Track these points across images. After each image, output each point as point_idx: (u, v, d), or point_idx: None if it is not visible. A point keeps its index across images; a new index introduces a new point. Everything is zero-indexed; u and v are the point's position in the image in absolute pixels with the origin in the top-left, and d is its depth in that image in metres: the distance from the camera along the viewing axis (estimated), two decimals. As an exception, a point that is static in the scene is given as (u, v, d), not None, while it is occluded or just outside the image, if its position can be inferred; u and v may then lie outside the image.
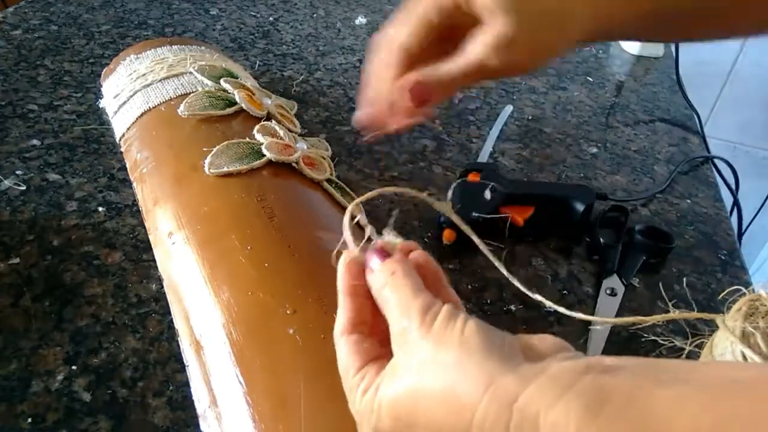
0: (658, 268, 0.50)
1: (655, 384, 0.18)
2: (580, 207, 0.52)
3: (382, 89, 0.33)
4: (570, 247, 0.51)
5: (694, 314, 0.32)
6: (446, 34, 0.33)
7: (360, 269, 0.27)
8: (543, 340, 0.23)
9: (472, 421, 0.20)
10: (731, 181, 0.71)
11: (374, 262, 0.27)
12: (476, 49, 0.31)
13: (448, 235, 0.49)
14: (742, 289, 0.44)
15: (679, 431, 0.17)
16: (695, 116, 0.74)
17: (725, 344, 0.31)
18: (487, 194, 0.51)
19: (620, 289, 0.47)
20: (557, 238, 0.52)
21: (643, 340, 0.42)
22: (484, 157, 0.61)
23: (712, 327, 0.38)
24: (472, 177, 0.54)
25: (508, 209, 0.50)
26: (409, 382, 0.23)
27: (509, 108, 0.71)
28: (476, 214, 0.49)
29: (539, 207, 0.51)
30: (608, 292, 0.47)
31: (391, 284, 0.26)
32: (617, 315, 0.45)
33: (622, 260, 0.49)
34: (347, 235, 0.28)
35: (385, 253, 0.27)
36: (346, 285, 0.27)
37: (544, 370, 0.20)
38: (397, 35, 0.33)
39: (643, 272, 0.49)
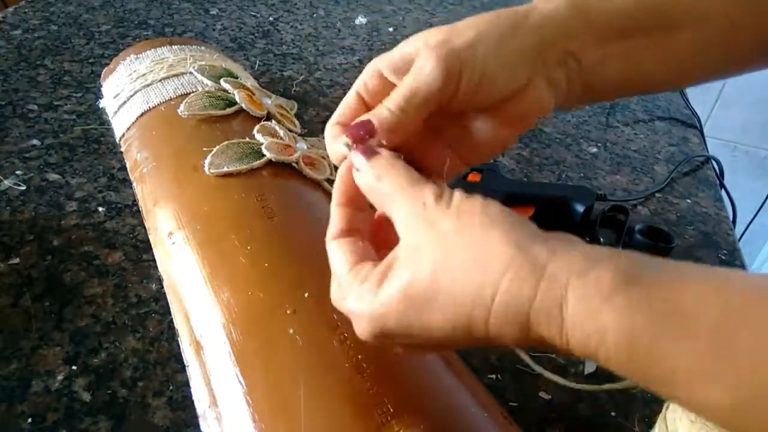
0: None
1: (687, 276, 0.18)
2: (580, 208, 0.51)
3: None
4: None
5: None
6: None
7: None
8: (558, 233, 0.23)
9: (500, 283, 0.20)
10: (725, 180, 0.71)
11: (360, 160, 0.26)
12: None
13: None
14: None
15: (707, 320, 0.17)
16: (695, 116, 0.74)
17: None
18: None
19: None
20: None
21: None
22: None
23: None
24: (472, 177, 0.54)
25: (512, 209, 0.50)
26: (428, 258, 0.22)
27: None
28: None
29: (539, 207, 0.51)
30: None
31: (392, 173, 0.24)
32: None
33: None
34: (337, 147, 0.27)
35: (371, 151, 0.26)
36: (340, 194, 0.27)
37: (573, 247, 0.20)
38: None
39: None
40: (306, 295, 0.34)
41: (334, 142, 0.28)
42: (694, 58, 0.30)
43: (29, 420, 0.33)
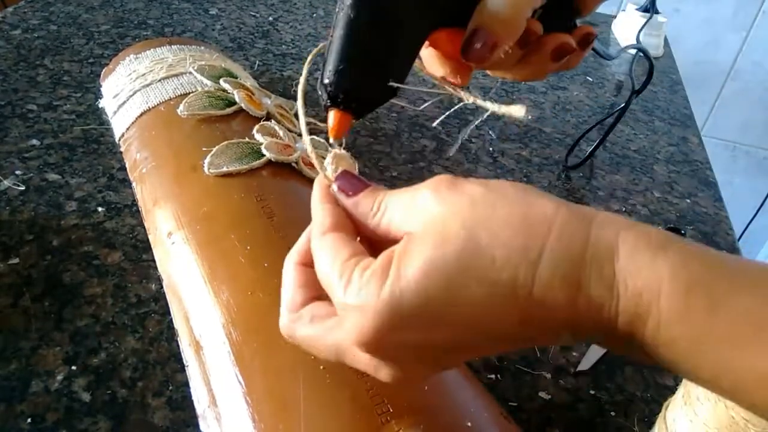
0: None
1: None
2: None
3: None
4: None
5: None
6: None
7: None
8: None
9: (549, 236, 0.18)
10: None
11: (352, 185, 0.23)
12: None
13: None
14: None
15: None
16: (693, 116, 0.74)
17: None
18: None
19: None
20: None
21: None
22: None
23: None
24: None
25: None
26: (457, 218, 0.19)
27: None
28: None
29: None
30: None
31: (391, 192, 0.22)
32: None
33: None
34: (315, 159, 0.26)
35: (362, 181, 0.24)
36: (321, 194, 0.24)
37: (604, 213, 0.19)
38: None
39: None
40: (306, 295, 0.34)
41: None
42: None
43: (29, 420, 0.33)
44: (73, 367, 0.36)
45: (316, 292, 0.23)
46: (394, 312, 0.18)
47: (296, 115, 0.28)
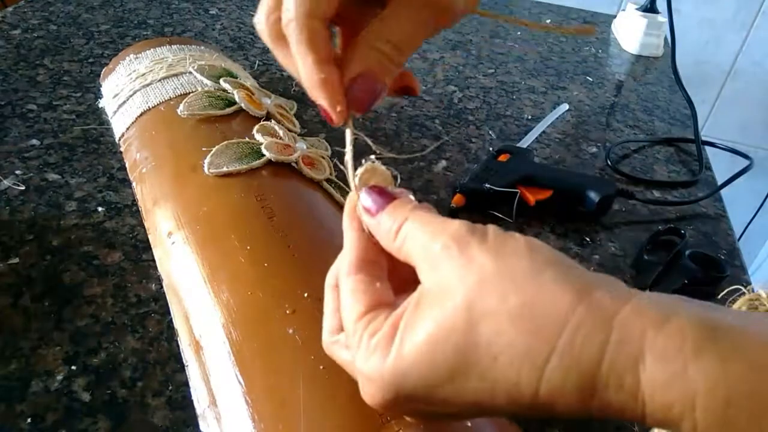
0: (708, 295, 0.46)
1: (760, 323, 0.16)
2: (594, 198, 0.52)
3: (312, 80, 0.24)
4: (584, 253, 0.51)
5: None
6: None
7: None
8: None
9: (558, 340, 0.16)
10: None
11: (374, 202, 0.22)
12: None
13: (457, 200, 0.51)
14: (742, 288, 0.44)
15: None
16: (693, 116, 0.74)
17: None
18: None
19: None
20: (572, 235, 0.52)
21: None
22: (525, 143, 0.63)
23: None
24: (502, 157, 0.56)
25: (526, 189, 0.51)
26: (461, 300, 0.18)
27: (565, 106, 0.73)
28: (488, 185, 0.51)
29: (556, 192, 0.53)
30: None
31: (414, 216, 0.21)
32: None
33: (660, 278, 0.47)
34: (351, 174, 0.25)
35: (387, 195, 0.23)
36: (349, 216, 0.24)
37: (634, 294, 0.17)
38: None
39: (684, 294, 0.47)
40: (306, 295, 0.34)
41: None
42: None
43: (29, 420, 0.33)
44: (73, 367, 0.36)
45: None
46: (398, 388, 0.19)
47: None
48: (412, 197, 0.23)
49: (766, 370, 0.14)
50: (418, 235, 0.21)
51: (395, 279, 0.23)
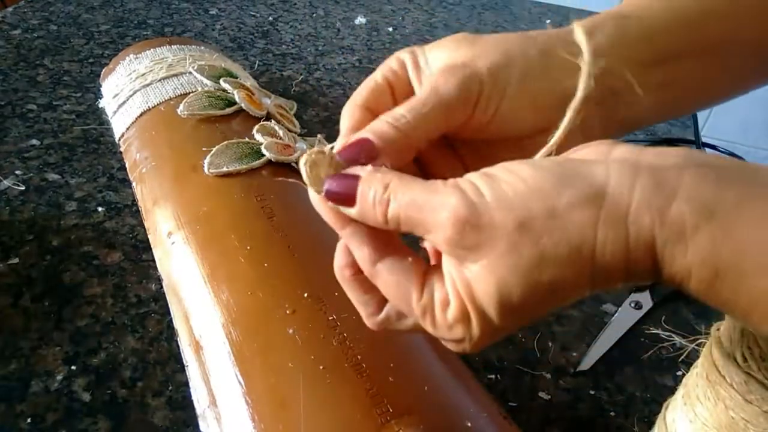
0: None
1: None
2: None
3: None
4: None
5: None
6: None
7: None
8: (584, 146, 0.21)
9: (594, 258, 0.19)
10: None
11: (343, 186, 0.22)
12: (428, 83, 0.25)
13: None
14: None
15: None
16: (693, 116, 0.74)
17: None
18: None
19: (647, 305, 0.45)
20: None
21: (645, 332, 0.42)
22: None
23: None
24: None
25: None
26: (507, 267, 0.20)
27: None
28: None
29: None
30: (632, 305, 0.45)
31: (396, 198, 0.21)
32: (633, 327, 0.43)
33: None
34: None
35: (350, 176, 0.22)
36: (340, 215, 0.23)
37: (638, 168, 0.19)
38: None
39: (683, 296, 0.47)
40: (306, 295, 0.34)
41: (346, 132, 0.25)
42: (725, 80, 0.29)
43: (29, 420, 0.33)
44: (73, 367, 0.36)
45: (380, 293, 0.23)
46: (490, 336, 0.21)
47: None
48: (369, 168, 0.22)
49: (748, 247, 0.18)
50: (414, 220, 0.21)
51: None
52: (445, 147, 0.28)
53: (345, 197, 0.22)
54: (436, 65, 0.26)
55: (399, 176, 0.21)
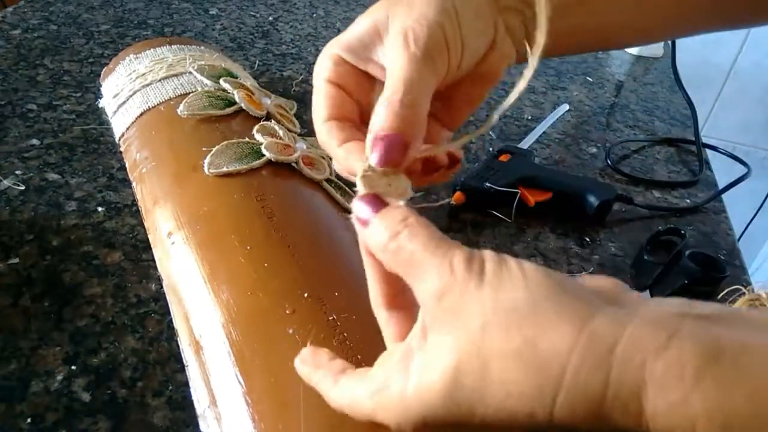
0: (708, 296, 0.46)
1: (764, 337, 0.16)
2: (594, 202, 0.52)
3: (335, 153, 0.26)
4: (585, 252, 0.51)
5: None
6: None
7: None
8: (598, 280, 0.21)
9: (563, 378, 0.17)
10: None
11: (365, 211, 0.22)
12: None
13: (457, 198, 0.52)
14: (742, 288, 0.44)
15: None
16: (693, 116, 0.74)
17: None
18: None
19: None
20: (572, 237, 0.52)
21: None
22: (525, 144, 0.63)
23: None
24: (503, 157, 0.57)
25: (526, 190, 0.52)
26: (471, 346, 0.18)
27: (565, 106, 0.73)
28: (488, 184, 0.52)
29: (556, 194, 0.53)
30: None
31: (409, 234, 0.21)
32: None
33: (660, 278, 0.47)
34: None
35: (378, 201, 0.22)
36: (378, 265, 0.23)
37: (634, 313, 0.17)
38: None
39: (683, 296, 0.47)
40: (306, 295, 0.34)
41: (344, 146, 0.25)
42: (659, 8, 0.29)
43: (29, 420, 0.33)
44: (73, 367, 0.36)
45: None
46: (423, 418, 0.20)
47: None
48: (402, 203, 0.23)
49: (762, 396, 0.15)
50: (413, 261, 0.20)
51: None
52: None
53: (362, 220, 0.22)
54: (382, 36, 0.25)
55: (419, 218, 0.21)
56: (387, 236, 0.21)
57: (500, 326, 0.18)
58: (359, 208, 0.22)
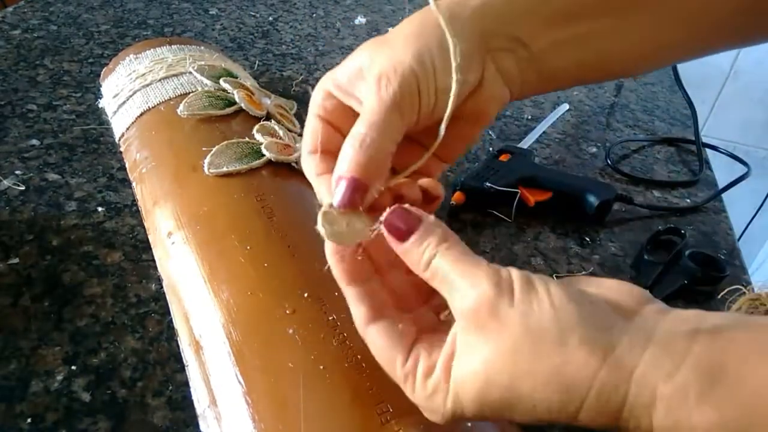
0: (708, 295, 0.47)
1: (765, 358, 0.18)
2: (593, 201, 0.52)
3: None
4: (584, 250, 0.51)
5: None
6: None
7: (351, 252, 0.25)
8: (620, 292, 0.22)
9: (586, 398, 0.20)
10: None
11: (402, 226, 0.24)
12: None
13: (457, 198, 0.52)
14: (742, 288, 0.44)
15: None
16: (693, 116, 0.74)
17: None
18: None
19: None
20: (572, 236, 0.52)
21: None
22: (525, 144, 0.63)
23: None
24: (503, 157, 0.57)
25: (527, 190, 0.52)
26: (501, 364, 0.21)
27: (565, 106, 0.73)
28: (489, 184, 0.52)
29: (556, 194, 0.53)
30: None
31: (443, 253, 0.23)
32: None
33: (660, 278, 0.48)
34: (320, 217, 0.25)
35: (413, 217, 0.24)
36: (346, 273, 0.25)
37: (651, 336, 0.20)
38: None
39: (683, 296, 0.47)
40: (306, 295, 0.34)
41: (319, 178, 0.27)
42: (653, 40, 0.29)
43: (29, 420, 0.33)
44: (73, 367, 0.36)
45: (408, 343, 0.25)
46: (459, 419, 0.23)
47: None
48: (432, 218, 0.24)
49: (754, 415, 0.18)
50: (449, 279, 0.23)
51: (410, 310, 0.26)
52: (404, 142, 0.28)
53: (402, 232, 0.24)
54: (362, 78, 0.27)
55: (454, 238, 0.23)
56: (426, 258, 0.23)
57: (530, 351, 0.20)
58: (396, 224, 0.24)
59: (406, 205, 0.24)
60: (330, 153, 0.28)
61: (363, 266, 0.26)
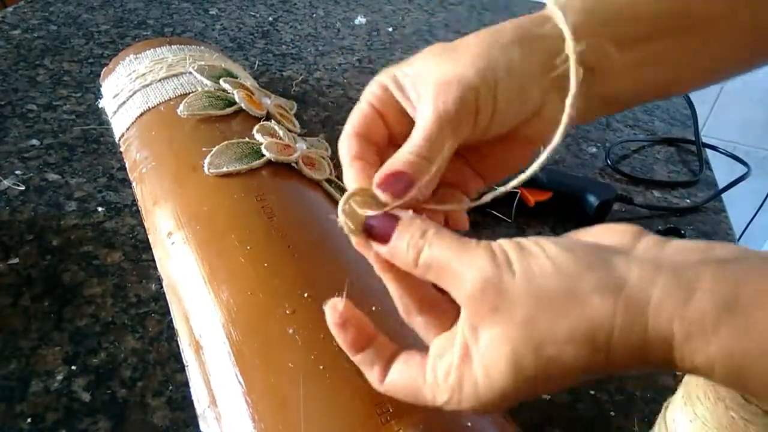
0: None
1: None
2: (593, 201, 0.52)
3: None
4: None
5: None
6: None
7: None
8: (611, 231, 0.22)
9: (611, 340, 0.19)
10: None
11: (381, 228, 0.23)
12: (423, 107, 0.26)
13: None
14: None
15: None
16: (693, 116, 0.74)
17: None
18: None
19: None
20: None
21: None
22: None
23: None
24: None
25: (526, 190, 0.52)
26: (522, 336, 0.20)
27: None
28: None
29: (556, 194, 0.53)
30: None
31: (431, 242, 0.22)
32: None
33: None
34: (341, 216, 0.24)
35: (388, 216, 0.23)
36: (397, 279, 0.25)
37: (659, 266, 0.20)
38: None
39: None
40: (306, 295, 0.34)
41: (353, 161, 0.26)
42: (716, 58, 0.29)
43: (29, 420, 0.33)
44: (73, 367, 0.36)
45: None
46: (499, 400, 0.22)
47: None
48: (410, 212, 0.24)
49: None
50: (444, 268, 0.22)
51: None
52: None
53: (381, 235, 0.23)
54: (421, 82, 0.26)
55: (436, 227, 0.23)
56: (413, 254, 0.22)
57: (544, 314, 0.20)
58: (375, 226, 0.23)
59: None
60: (370, 141, 0.27)
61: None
